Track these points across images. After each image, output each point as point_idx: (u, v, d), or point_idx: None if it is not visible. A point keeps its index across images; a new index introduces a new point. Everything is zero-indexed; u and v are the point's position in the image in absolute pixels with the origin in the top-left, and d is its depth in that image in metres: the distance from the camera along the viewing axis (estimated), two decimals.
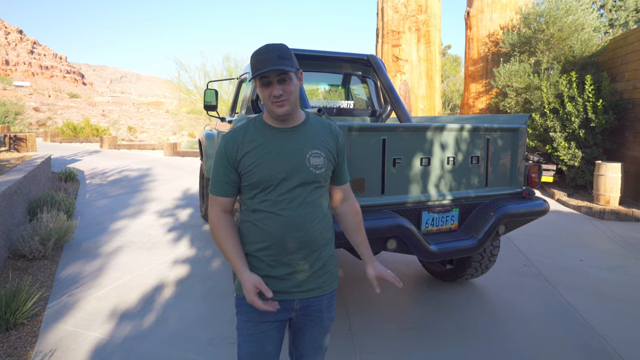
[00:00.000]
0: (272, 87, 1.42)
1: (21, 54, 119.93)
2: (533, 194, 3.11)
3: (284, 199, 1.47)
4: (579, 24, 8.63)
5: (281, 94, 1.42)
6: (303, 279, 1.53)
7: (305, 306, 1.57)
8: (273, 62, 1.39)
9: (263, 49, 1.44)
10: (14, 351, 2.63)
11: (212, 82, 5.86)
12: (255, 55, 1.43)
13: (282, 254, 1.49)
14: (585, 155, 7.44)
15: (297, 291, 1.53)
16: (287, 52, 1.43)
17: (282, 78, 1.42)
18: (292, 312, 1.57)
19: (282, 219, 1.47)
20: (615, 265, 4.32)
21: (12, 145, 9.49)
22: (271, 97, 1.43)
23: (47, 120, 28.47)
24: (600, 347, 2.81)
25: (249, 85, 4.03)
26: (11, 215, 4.34)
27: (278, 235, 1.47)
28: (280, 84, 1.42)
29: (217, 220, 1.52)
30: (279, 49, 1.42)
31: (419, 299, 3.51)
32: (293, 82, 1.44)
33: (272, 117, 1.50)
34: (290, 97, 1.44)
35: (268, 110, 1.48)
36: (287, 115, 1.47)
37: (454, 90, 22.40)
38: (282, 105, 1.43)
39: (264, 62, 1.40)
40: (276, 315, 1.54)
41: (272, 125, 1.50)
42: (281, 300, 1.52)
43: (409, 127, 2.77)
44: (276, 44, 1.45)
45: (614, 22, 14.51)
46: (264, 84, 1.43)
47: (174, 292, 3.55)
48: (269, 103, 1.45)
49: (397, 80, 11.02)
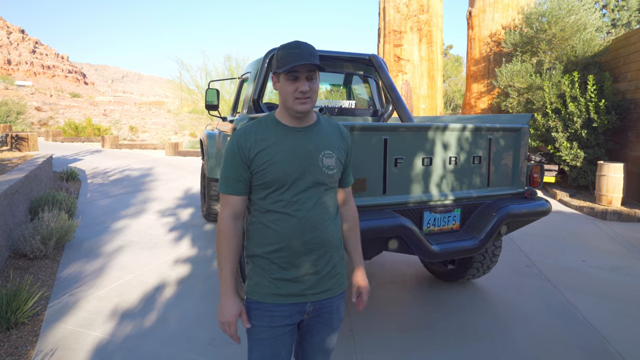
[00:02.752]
0: (300, 82, 1.41)
1: (23, 54, 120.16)
2: (535, 194, 3.10)
3: (297, 200, 1.45)
4: (581, 23, 8.60)
5: (307, 90, 1.41)
6: (316, 281, 1.50)
7: (317, 308, 1.54)
8: (306, 57, 1.38)
9: (294, 43, 1.43)
10: (15, 350, 2.63)
11: (214, 81, 5.86)
12: (286, 49, 1.41)
13: (295, 256, 1.46)
14: (588, 156, 7.42)
15: (310, 293, 1.51)
16: (316, 52, 1.43)
17: (310, 75, 1.42)
18: (305, 314, 1.54)
19: (296, 220, 1.44)
20: (617, 266, 4.30)
21: (14, 145, 9.50)
22: (296, 93, 1.41)
23: (49, 120, 28.52)
24: (602, 347, 2.79)
25: (251, 84, 4.02)
26: (13, 214, 4.34)
27: (292, 236, 1.45)
28: (308, 80, 1.42)
29: (226, 228, 1.48)
30: (309, 46, 1.43)
31: (421, 299, 3.50)
32: (317, 81, 1.45)
33: (289, 115, 1.47)
34: (314, 95, 1.44)
35: (287, 107, 1.45)
36: (307, 113, 1.46)
37: (455, 90, 22.37)
38: (305, 103, 1.42)
39: (296, 56, 1.38)
40: (289, 318, 1.51)
41: (285, 124, 1.48)
42: (293, 304, 1.50)
43: (411, 127, 2.76)
44: (306, 42, 1.45)
45: (616, 22, 14.47)
46: (291, 79, 1.41)
47: (175, 292, 3.55)
48: (291, 99, 1.42)
49: (399, 80, 11.00)
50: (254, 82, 3.92)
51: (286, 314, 1.50)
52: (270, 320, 1.49)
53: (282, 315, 1.49)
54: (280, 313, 1.49)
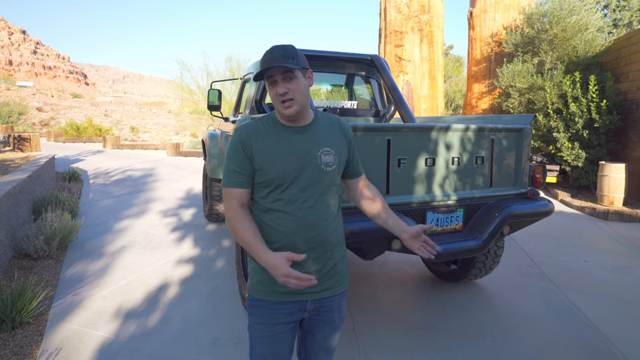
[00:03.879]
0: (278, 85, 1.43)
1: (24, 54, 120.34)
2: (538, 194, 3.11)
3: (297, 199, 1.47)
4: (582, 24, 8.61)
5: (286, 92, 1.42)
6: (316, 279, 1.51)
7: (317, 307, 1.57)
8: (276, 60, 1.40)
9: (269, 49, 1.46)
10: (20, 350, 2.64)
11: (216, 82, 5.88)
12: (263, 57, 1.46)
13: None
14: (589, 156, 7.42)
15: (310, 292, 1.53)
16: (293, 52, 1.44)
17: (286, 76, 1.43)
18: (305, 312, 1.56)
19: (296, 218, 1.47)
20: (619, 266, 4.31)
21: (17, 145, 9.53)
22: (278, 96, 1.44)
23: (50, 120, 28.57)
24: (605, 348, 2.80)
25: (253, 85, 4.03)
26: (16, 214, 4.35)
27: (292, 234, 1.47)
28: (285, 82, 1.43)
29: (235, 214, 1.46)
30: (283, 49, 1.44)
31: (423, 300, 3.51)
32: (299, 81, 1.44)
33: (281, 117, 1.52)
34: (297, 96, 1.44)
35: (277, 111, 1.49)
36: (296, 115, 1.47)
37: (456, 90, 22.38)
38: (289, 106, 1.44)
39: (268, 61, 1.42)
40: (290, 316, 1.53)
41: (283, 124, 1.52)
42: (294, 302, 1.52)
43: (414, 128, 2.77)
44: (283, 45, 1.46)
45: (617, 22, 14.47)
46: (271, 84, 1.45)
47: (178, 292, 3.56)
48: (277, 103, 1.45)
49: (400, 80, 11.01)
50: (256, 83, 3.93)
51: (287, 311, 1.52)
52: (272, 317, 1.52)
53: (283, 312, 1.51)
54: (281, 311, 1.51)
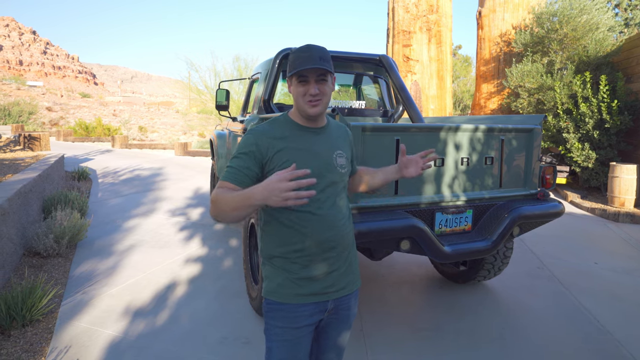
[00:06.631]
0: (309, 85, 1.44)
1: (34, 54, 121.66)
2: (548, 195, 3.07)
3: (317, 199, 1.46)
4: (593, 23, 8.51)
5: (317, 93, 1.43)
6: (336, 278, 1.53)
7: (336, 306, 1.56)
8: (314, 61, 1.41)
9: (305, 47, 1.46)
10: (30, 347, 2.67)
11: (223, 82, 5.90)
12: (297, 53, 1.45)
13: (316, 254, 1.48)
14: (600, 157, 7.34)
15: (331, 291, 1.53)
16: (328, 55, 1.46)
17: (320, 78, 1.44)
18: (325, 312, 1.55)
19: (317, 218, 1.46)
20: (630, 268, 4.25)
21: (27, 144, 9.63)
22: (307, 96, 1.44)
23: (60, 120, 28.86)
24: (617, 351, 2.76)
25: (261, 85, 4.03)
26: (26, 213, 4.40)
27: (313, 234, 1.46)
28: (317, 83, 1.44)
29: (218, 192, 1.37)
30: (320, 50, 1.45)
31: (431, 301, 3.49)
32: (328, 84, 1.47)
33: (301, 116, 1.51)
34: (324, 98, 1.46)
35: (300, 109, 1.49)
36: (319, 115, 1.49)
37: (464, 90, 22.25)
38: (316, 105, 1.45)
39: (306, 60, 1.42)
40: (310, 318, 1.51)
41: (300, 124, 1.52)
42: (315, 303, 1.51)
43: (423, 128, 2.75)
44: (319, 46, 1.48)
45: (629, 21, 14.29)
46: (301, 82, 1.45)
47: (186, 291, 3.57)
48: (302, 101, 1.46)
49: (408, 80, 10.97)
50: (264, 83, 3.93)
51: (308, 313, 1.51)
52: (293, 321, 1.50)
53: (305, 315, 1.50)
54: (303, 313, 1.50)
